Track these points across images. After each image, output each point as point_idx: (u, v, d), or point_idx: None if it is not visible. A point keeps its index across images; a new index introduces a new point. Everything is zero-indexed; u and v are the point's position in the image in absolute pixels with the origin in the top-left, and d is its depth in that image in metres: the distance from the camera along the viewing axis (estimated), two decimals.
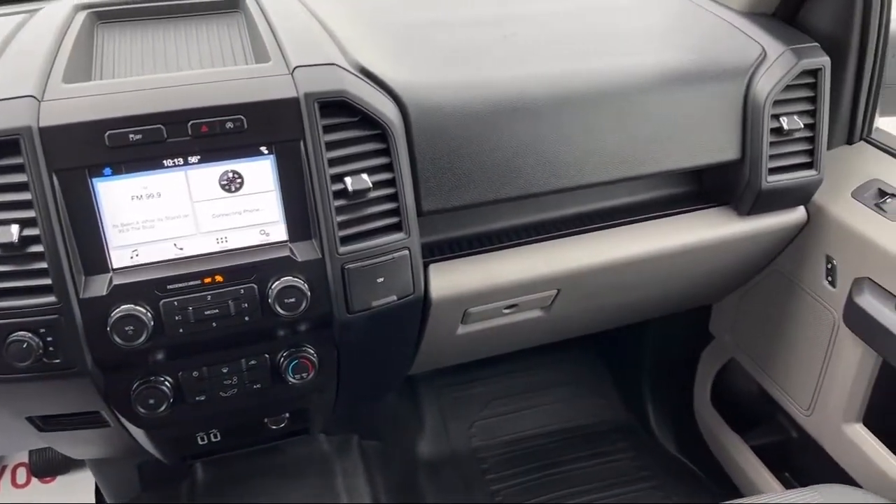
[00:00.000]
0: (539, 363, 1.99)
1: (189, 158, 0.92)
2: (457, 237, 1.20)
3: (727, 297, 1.62)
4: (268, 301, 0.96)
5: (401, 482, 1.74)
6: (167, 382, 1.00)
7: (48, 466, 1.80)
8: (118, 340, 0.91)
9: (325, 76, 0.98)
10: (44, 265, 0.89)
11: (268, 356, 1.03)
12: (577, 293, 1.27)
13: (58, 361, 0.92)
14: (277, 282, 0.96)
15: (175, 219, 0.94)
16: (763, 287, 1.51)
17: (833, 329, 1.34)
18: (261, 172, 0.95)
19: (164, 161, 0.91)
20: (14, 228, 0.87)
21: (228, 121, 0.91)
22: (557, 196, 1.20)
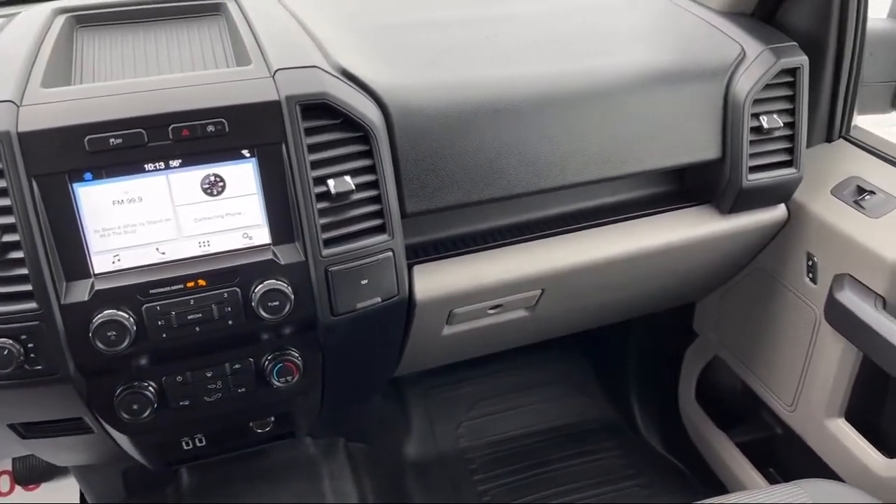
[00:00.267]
0: (525, 363, 2.00)
1: (170, 162, 0.91)
2: (441, 238, 1.20)
3: (710, 295, 1.63)
4: (251, 304, 0.96)
5: (388, 484, 1.74)
6: (151, 387, 0.99)
7: (32, 474, 1.79)
8: (100, 346, 0.91)
9: (307, 78, 0.98)
10: (24, 271, 0.88)
11: (252, 360, 1.03)
12: (562, 293, 1.28)
13: (39, 368, 0.91)
14: (261, 285, 0.95)
15: (157, 223, 0.93)
16: (745, 285, 1.52)
17: (815, 325, 1.35)
18: (243, 176, 0.94)
19: (146, 165, 0.91)
20: None
21: (210, 124, 0.91)
22: (541, 196, 1.21)
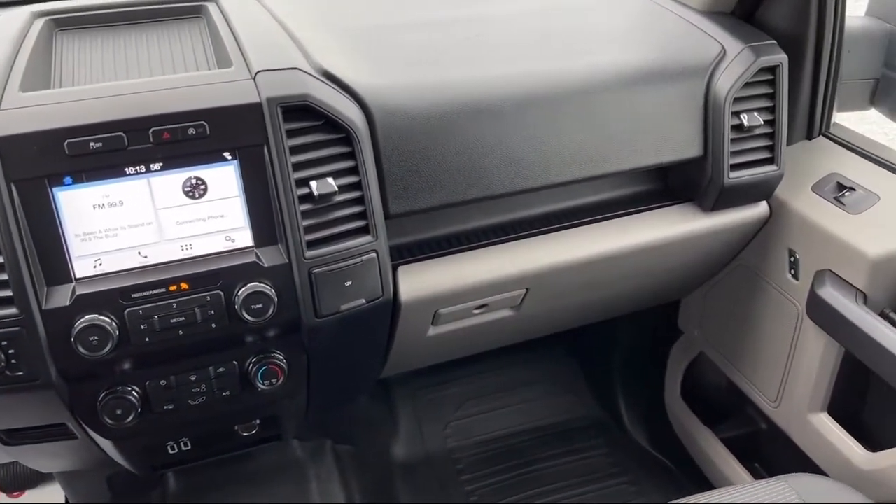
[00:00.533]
0: (512, 363, 2.00)
1: (151, 165, 0.91)
2: (425, 239, 1.20)
3: (694, 293, 1.64)
4: (234, 307, 0.95)
5: (376, 485, 1.74)
6: (134, 392, 0.99)
7: (16, 481, 1.77)
8: (83, 351, 0.90)
9: (288, 80, 0.98)
10: (4, 277, 0.87)
11: (236, 363, 1.03)
12: (546, 292, 1.28)
13: (21, 374, 0.91)
14: (244, 288, 0.95)
15: (138, 227, 0.93)
16: (729, 282, 1.53)
17: (797, 321, 1.36)
18: (225, 178, 0.94)
19: (126, 169, 0.90)
20: None
21: (190, 127, 0.91)
22: (524, 196, 1.21)
